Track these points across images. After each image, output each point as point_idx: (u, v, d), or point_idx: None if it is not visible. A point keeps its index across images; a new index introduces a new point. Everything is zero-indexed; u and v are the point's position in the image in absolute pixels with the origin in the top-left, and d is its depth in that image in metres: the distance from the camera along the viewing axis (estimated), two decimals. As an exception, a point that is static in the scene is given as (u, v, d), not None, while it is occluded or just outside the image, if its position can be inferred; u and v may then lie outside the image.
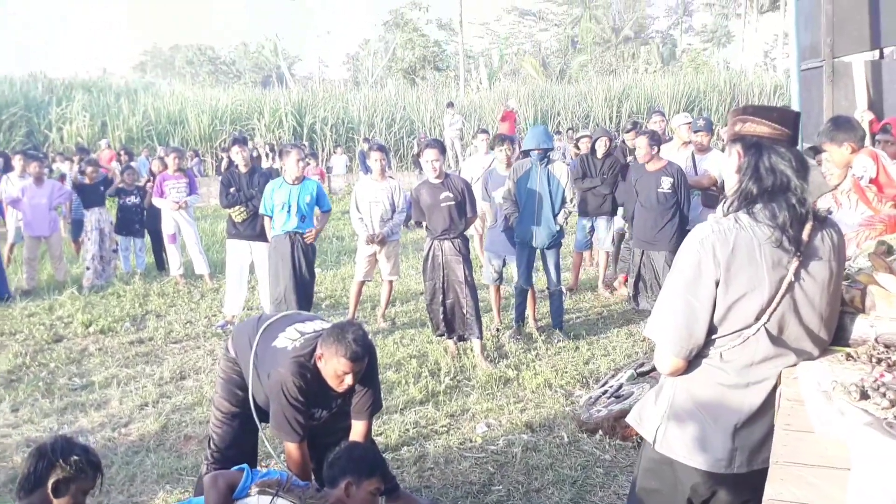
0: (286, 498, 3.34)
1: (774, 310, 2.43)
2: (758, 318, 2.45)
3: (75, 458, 3.08)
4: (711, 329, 2.50)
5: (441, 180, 7.19)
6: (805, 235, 2.45)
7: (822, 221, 2.54)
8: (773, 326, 2.46)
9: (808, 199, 2.49)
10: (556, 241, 7.73)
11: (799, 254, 2.43)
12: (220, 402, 4.35)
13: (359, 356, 3.73)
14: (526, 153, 7.79)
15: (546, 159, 7.61)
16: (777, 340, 2.47)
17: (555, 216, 7.58)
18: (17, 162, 12.19)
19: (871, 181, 4.17)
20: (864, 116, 5.31)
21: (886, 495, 1.67)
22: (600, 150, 9.39)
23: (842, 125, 4.33)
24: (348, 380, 3.79)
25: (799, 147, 2.60)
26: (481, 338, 7.24)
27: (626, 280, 9.05)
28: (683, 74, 34.69)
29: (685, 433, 2.59)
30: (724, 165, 2.68)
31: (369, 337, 3.91)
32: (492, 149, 8.39)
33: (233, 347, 4.34)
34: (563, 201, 7.62)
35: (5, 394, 6.72)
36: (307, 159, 13.81)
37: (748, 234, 2.43)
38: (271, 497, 3.34)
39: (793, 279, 2.43)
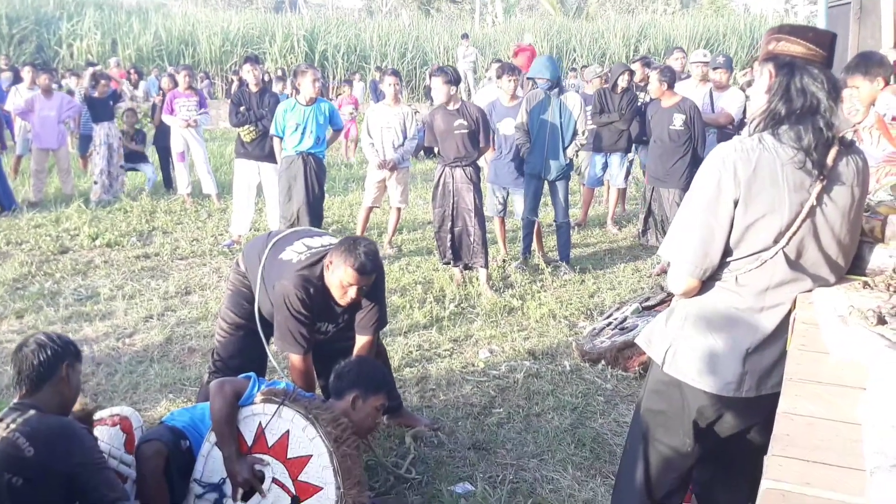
0: (292, 407, 3.34)
1: (794, 233, 2.39)
2: (776, 241, 2.40)
3: (70, 344, 3.12)
4: (727, 251, 2.46)
5: (457, 107, 7.09)
6: (830, 160, 2.39)
7: (848, 147, 2.48)
8: (791, 250, 2.42)
9: (835, 122, 2.42)
10: (564, 174, 7.65)
11: (822, 178, 2.38)
12: (226, 314, 4.37)
13: (366, 269, 3.72)
14: (534, 83, 7.64)
15: (559, 90, 7.49)
16: (795, 265, 2.43)
17: (564, 149, 7.49)
18: (25, 73, 12.10)
19: (893, 118, 4.09)
20: (890, 55, 5.19)
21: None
22: (622, 84, 9.24)
23: (876, 59, 4.23)
24: (352, 292, 3.79)
25: None
26: (487, 267, 7.23)
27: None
28: (703, 17, 34.11)
29: (695, 356, 2.57)
30: (754, 86, 2.60)
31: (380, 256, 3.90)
32: (498, 78, 8.25)
33: (243, 262, 4.34)
34: (575, 133, 7.52)
35: (10, 301, 6.74)
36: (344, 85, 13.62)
37: (771, 154, 2.38)
38: (277, 406, 3.35)
39: (814, 203, 2.38)
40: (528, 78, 7.72)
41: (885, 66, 4.23)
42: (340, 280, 3.75)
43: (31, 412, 2.88)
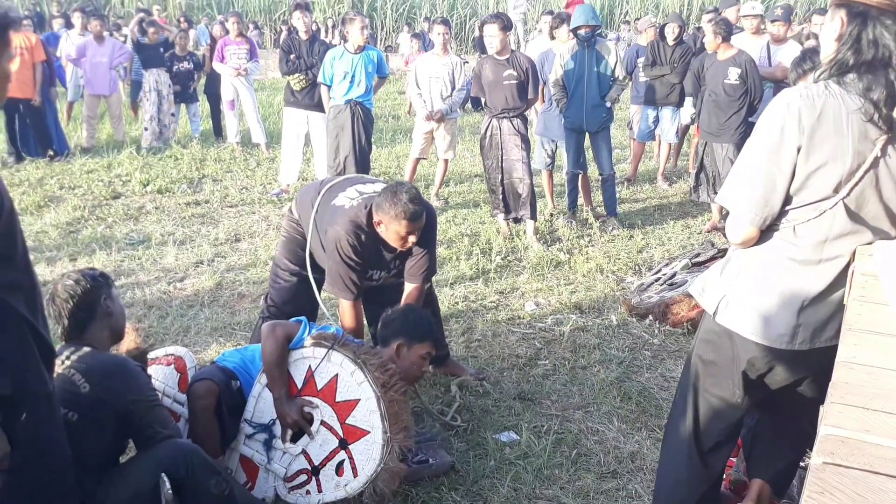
0: (341, 352, 3.38)
1: (856, 184, 2.33)
2: (836, 191, 2.35)
3: (99, 277, 3.10)
4: (787, 199, 2.41)
5: (506, 57, 7.00)
6: None
7: (919, 102, 2.40)
8: (851, 201, 2.36)
9: None
10: (604, 125, 7.55)
11: (890, 130, 2.31)
12: (280, 260, 4.42)
13: (418, 214, 3.75)
14: (574, 32, 7.48)
15: (593, 39, 7.36)
16: (855, 216, 2.38)
17: (602, 98, 7.39)
18: (76, 19, 12.16)
19: None
20: None
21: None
22: (669, 36, 9.07)
23: None
24: (412, 239, 3.83)
25: None
26: (535, 219, 7.19)
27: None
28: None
29: (748, 306, 2.53)
30: (824, 31, 2.52)
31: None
32: (556, 28, 8.12)
33: (296, 209, 4.38)
34: (614, 80, 7.40)
35: (64, 244, 6.87)
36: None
37: (837, 101, 2.31)
38: (326, 350, 3.39)
39: (879, 154, 2.32)
40: (571, 30, 7.59)
41: None
42: (397, 233, 3.78)
43: (86, 349, 2.93)
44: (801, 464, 3.12)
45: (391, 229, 3.78)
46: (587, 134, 7.63)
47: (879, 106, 2.28)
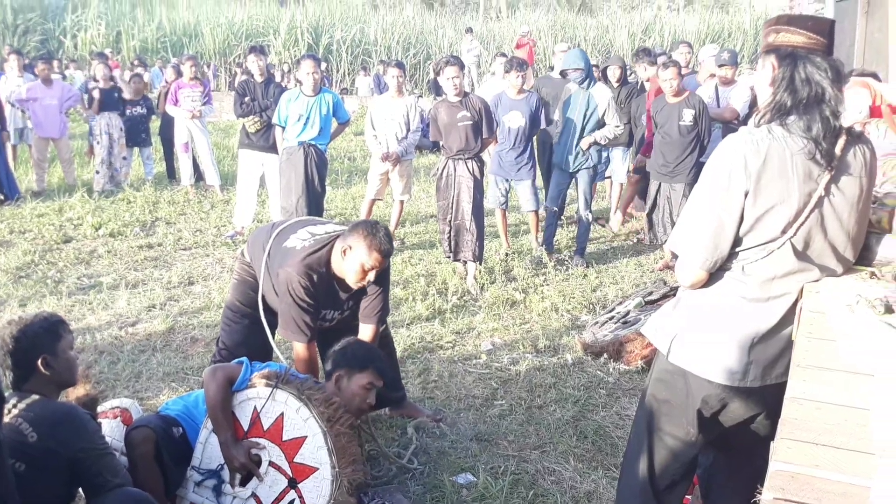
0: (285, 389, 3.36)
1: (802, 224, 2.39)
2: (784, 232, 2.40)
3: (43, 334, 2.99)
4: (736, 241, 2.46)
5: (460, 99, 7.07)
6: (838, 149, 2.39)
7: (857, 137, 2.48)
8: (798, 241, 2.41)
9: (841, 111, 2.42)
10: (583, 167, 7.67)
11: (831, 168, 2.38)
12: (232, 302, 4.38)
13: (389, 252, 3.81)
14: (563, 75, 7.72)
15: (589, 81, 7.53)
16: (802, 255, 2.43)
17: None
18: (12, 61, 11.99)
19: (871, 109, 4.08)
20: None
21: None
22: (612, 78, 9.25)
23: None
24: (371, 276, 3.83)
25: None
26: (478, 262, 7.19)
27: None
28: (708, 13, 34.02)
29: (700, 345, 2.57)
30: (758, 78, 2.60)
31: None
32: (507, 72, 8.24)
33: (248, 252, 4.35)
34: (602, 126, 7.55)
35: (14, 290, 6.74)
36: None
37: (781, 144, 2.37)
38: (271, 389, 3.36)
39: (823, 193, 2.38)
40: (560, 72, 7.84)
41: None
42: (362, 264, 3.77)
43: (34, 397, 2.87)
44: (753, 500, 3.14)
45: (357, 261, 3.76)
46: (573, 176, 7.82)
47: (820, 142, 2.35)
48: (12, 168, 11.16)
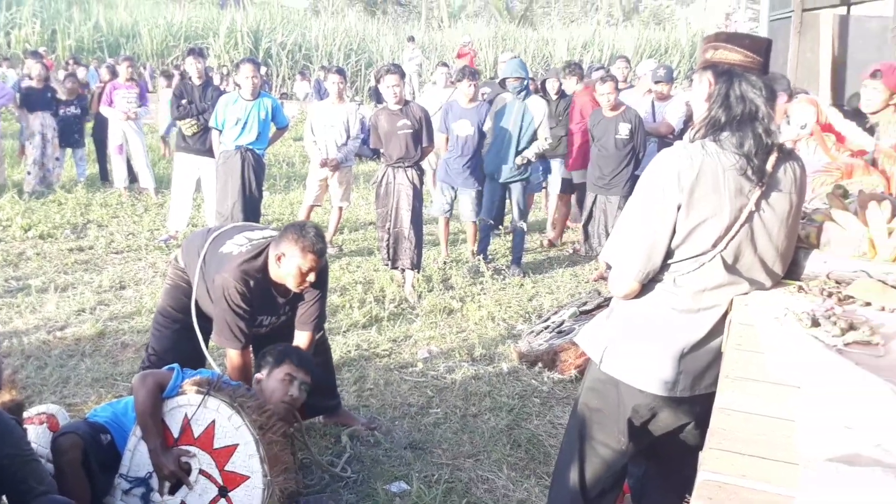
0: (217, 397, 3.32)
1: (732, 238, 2.44)
2: (714, 245, 2.45)
3: None
4: (668, 253, 2.50)
5: (400, 107, 7.07)
6: (769, 166, 2.45)
7: (788, 154, 2.54)
8: (728, 254, 2.46)
9: (773, 129, 2.48)
10: (516, 177, 7.72)
11: (762, 184, 2.43)
12: (163, 308, 4.30)
13: (322, 251, 3.76)
14: (502, 84, 7.75)
15: (525, 92, 7.58)
16: (731, 269, 2.48)
17: (518, 153, 7.57)
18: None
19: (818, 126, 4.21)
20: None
21: (835, 411, 1.69)
22: (551, 90, 9.34)
23: (774, 78, 4.37)
24: (311, 278, 3.79)
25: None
26: (416, 270, 7.20)
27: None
28: (646, 29, 34.62)
29: (632, 355, 2.61)
30: (694, 93, 2.65)
31: None
32: (459, 80, 8.26)
33: (182, 257, 4.27)
34: (534, 138, 7.60)
35: (-64, 290, 6.54)
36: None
37: (714, 160, 2.42)
38: (202, 396, 3.32)
39: (753, 209, 2.44)
40: (499, 82, 7.88)
41: (783, 80, 4.36)
42: (299, 268, 3.73)
43: (-44, 403, 2.79)
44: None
45: (293, 265, 3.73)
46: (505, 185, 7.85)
47: (751, 158, 2.41)
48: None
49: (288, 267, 3.75)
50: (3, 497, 2.89)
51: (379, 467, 4.12)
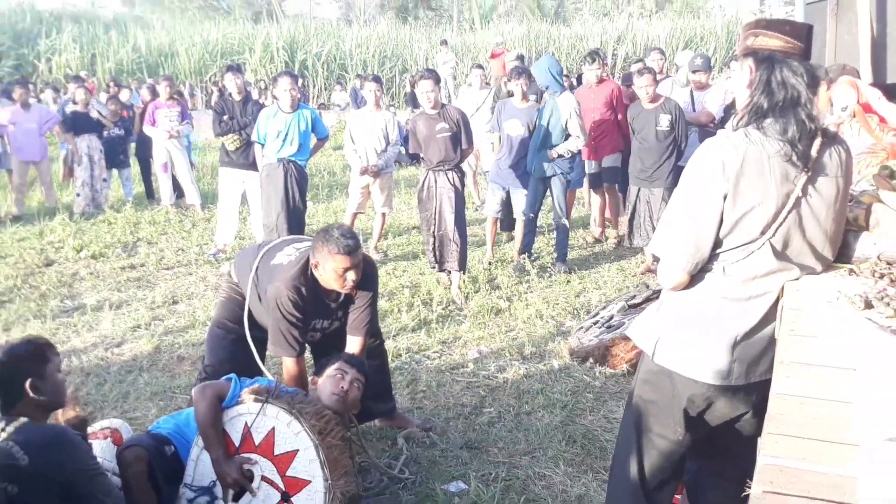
0: (275, 404, 3.38)
1: (780, 224, 2.44)
2: (763, 233, 2.45)
3: (28, 358, 2.99)
4: (716, 243, 2.50)
5: (437, 111, 7.11)
6: (814, 151, 2.44)
7: (832, 138, 2.53)
8: (777, 241, 2.46)
9: (816, 114, 2.47)
10: (556, 172, 7.72)
11: (807, 169, 2.43)
12: (218, 320, 4.39)
13: (351, 248, 3.76)
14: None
15: (561, 90, 7.63)
16: (781, 255, 2.48)
17: (550, 148, 7.57)
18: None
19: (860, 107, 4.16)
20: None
21: (891, 391, 1.69)
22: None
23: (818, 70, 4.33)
24: (351, 276, 3.82)
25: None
26: (461, 272, 7.23)
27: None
28: (680, 19, 34.27)
29: (684, 345, 2.61)
30: (736, 80, 2.65)
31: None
32: (509, 81, 8.30)
33: (234, 271, 4.38)
34: (567, 136, 7.60)
35: (-3, 314, 6.72)
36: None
37: (758, 147, 2.42)
38: (261, 404, 3.38)
39: (800, 194, 2.43)
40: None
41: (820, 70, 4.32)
42: (335, 271, 3.77)
43: (22, 419, 2.86)
44: (743, 495, 3.18)
45: (328, 268, 3.78)
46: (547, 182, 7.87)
47: (796, 144, 2.40)
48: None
49: (325, 272, 3.81)
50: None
51: (436, 468, 4.16)
